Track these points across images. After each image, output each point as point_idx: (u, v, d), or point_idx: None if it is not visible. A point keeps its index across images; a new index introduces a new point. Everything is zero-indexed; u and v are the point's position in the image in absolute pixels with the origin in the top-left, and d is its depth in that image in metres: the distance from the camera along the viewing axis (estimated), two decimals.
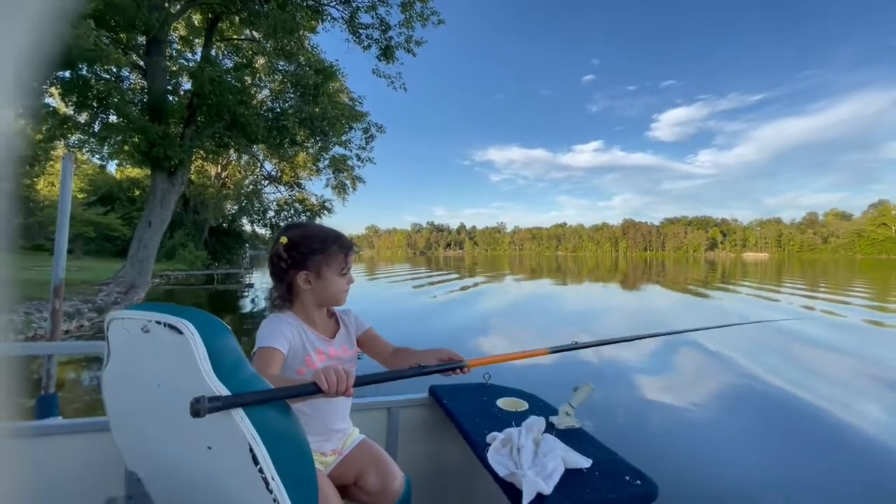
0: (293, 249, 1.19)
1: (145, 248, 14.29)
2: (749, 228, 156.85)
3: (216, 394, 0.73)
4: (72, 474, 1.27)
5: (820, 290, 18.71)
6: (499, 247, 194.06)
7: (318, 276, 1.21)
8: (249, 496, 0.76)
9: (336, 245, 1.23)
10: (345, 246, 1.25)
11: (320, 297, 1.24)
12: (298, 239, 1.20)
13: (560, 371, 5.95)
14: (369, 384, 0.98)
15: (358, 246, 1.62)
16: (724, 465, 3.34)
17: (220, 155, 21.53)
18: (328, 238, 1.24)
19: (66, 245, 1.83)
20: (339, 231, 1.28)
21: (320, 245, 1.21)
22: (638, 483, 1.17)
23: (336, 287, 1.24)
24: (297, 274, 1.20)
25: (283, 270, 1.21)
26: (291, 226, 1.27)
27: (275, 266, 1.22)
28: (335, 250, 1.22)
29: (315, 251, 1.20)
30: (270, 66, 16.53)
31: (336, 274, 1.23)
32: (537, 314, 11.72)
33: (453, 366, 1.17)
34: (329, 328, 1.31)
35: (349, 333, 1.34)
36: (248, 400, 0.76)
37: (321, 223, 3.66)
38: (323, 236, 1.23)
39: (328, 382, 0.88)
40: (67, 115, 14.07)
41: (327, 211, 29.88)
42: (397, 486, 1.26)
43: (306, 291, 1.22)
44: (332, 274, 1.22)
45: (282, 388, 0.84)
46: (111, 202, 32.29)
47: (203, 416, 0.69)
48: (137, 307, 0.87)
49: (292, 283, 1.22)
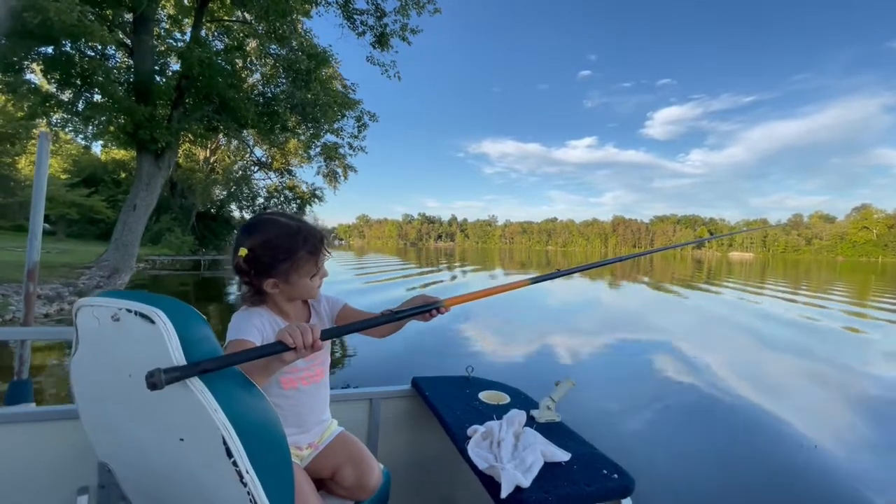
0: (255, 261, 1.09)
1: (130, 232, 14.03)
2: (736, 228, 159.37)
3: (188, 385, 0.71)
4: (43, 463, 1.25)
5: (801, 290, 19.11)
6: (490, 240, 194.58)
7: (287, 283, 1.13)
8: (223, 489, 0.74)
9: (304, 250, 1.11)
10: (314, 249, 1.13)
11: (290, 296, 1.19)
12: (260, 249, 1.08)
13: (542, 366, 6.02)
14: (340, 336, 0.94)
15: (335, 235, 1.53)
16: (697, 462, 3.43)
17: (209, 139, 21.18)
18: (294, 243, 1.11)
19: (41, 226, 1.78)
20: (309, 226, 1.16)
21: (286, 254, 1.10)
22: (615, 477, 1.19)
23: (306, 288, 1.17)
24: (263, 281, 1.12)
25: (249, 278, 1.12)
26: (252, 227, 1.12)
27: (239, 274, 1.13)
28: (303, 256, 1.12)
29: (281, 261, 1.10)
30: (262, 50, 16.22)
31: (305, 277, 1.14)
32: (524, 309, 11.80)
33: (429, 307, 1.10)
34: (302, 317, 1.27)
35: (322, 319, 1.30)
36: (209, 366, 0.72)
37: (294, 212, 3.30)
38: (289, 243, 1.10)
39: (293, 338, 0.84)
40: (50, 92, 13.67)
41: (318, 199, 29.66)
42: (374, 480, 1.25)
43: (276, 294, 1.16)
44: (302, 277, 1.14)
45: (246, 350, 0.80)
46: (95, 184, 31.59)
47: (161, 388, 0.66)
48: (108, 294, 0.84)
49: (260, 288, 1.14)
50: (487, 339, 7.60)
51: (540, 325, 9.07)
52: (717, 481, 3.16)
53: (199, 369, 0.71)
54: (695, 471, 3.28)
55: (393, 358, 5.95)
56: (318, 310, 1.30)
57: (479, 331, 8.26)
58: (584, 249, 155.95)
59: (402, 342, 6.91)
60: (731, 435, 4.03)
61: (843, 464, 3.51)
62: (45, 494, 1.24)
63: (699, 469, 3.31)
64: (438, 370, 1.96)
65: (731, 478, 3.22)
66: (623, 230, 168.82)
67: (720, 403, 4.81)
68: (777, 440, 3.91)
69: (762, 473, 3.29)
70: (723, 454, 3.59)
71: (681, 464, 3.35)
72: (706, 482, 3.13)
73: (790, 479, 3.24)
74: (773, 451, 3.70)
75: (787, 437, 3.98)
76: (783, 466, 3.43)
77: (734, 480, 3.18)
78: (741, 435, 4.03)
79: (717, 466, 3.37)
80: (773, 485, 3.13)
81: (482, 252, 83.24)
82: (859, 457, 3.67)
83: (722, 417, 4.46)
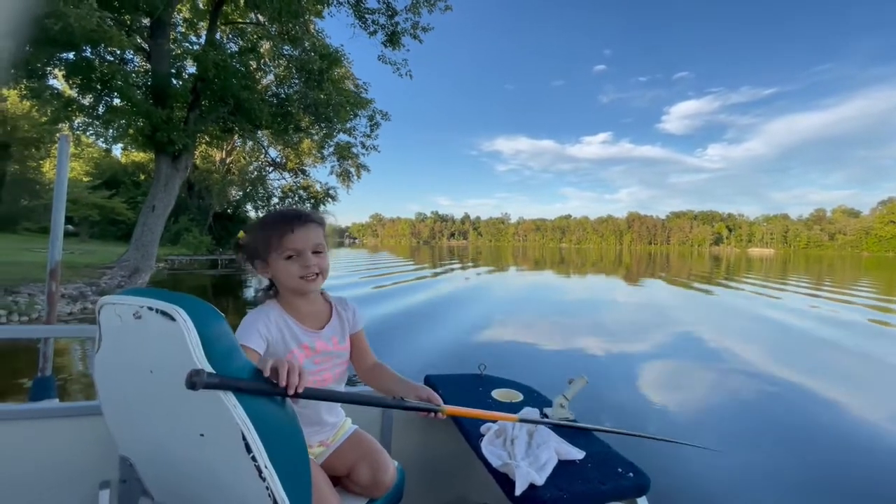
0: (245, 244, 1.16)
1: (149, 233, 14.34)
2: (755, 224, 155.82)
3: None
4: (66, 457, 1.28)
5: (824, 287, 18.61)
6: (503, 237, 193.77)
7: (268, 265, 1.15)
8: (242, 484, 0.75)
9: (275, 227, 1.12)
10: (282, 227, 1.12)
11: (281, 283, 1.18)
12: (248, 229, 1.16)
13: (556, 363, 5.97)
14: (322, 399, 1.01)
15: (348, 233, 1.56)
16: (716, 462, 3.35)
17: (225, 140, 21.51)
18: (269, 220, 1.15)
19: (62, 227, 1.82)
20: (295, 210, 1.19)
21: (261, 231, 1.14)
22: (630, 475, 1.17)
23: (285, 273, 1.14)
24: (257, 266, 1.16)
25: (249, 263, 1.18)
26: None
27: (239, 258, 1.19)
28: (274, 232, 1.12)
29: (257, 239, 1.14)
30: (275, 51, 16.38)
31: (280, 258, 1.13)
32: (536, 307, 11.73)
33: (431, 408, 1.14)
34: (319, 318, 1.25)
35: (343, 325, 1.28)
36: (242, 385, 0.76)
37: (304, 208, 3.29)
38: (268, 219, 1.16)
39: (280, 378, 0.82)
40: (72, 97, 14.04)
41: (331, 198, 29.87)
42: (389, 477, 1.24)
43: (279, 286, 1.18)
44: (277, 259, 1.13)
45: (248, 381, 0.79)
46: (116, 186, 32.35)
47: (197, 390, 0.68)
48: (129, 292, 0.86)
49: (262, 274, 1.18)
50: (500, 336, 7.57)
51: (553, 323, 9.00)
52: (736, 479, 3.09)
53: (234, 385, 0.75)
54: (712, 469, 3.21)
55: (404, 356, 5.97)
56: (342, 316, 1.28)
57: (491, 328, 8.23)
58: (598, 247, 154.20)
59: (413, 340, 6.93)
60: (752, 432, 3.93)
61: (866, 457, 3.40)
62: (68, 488, 1.27)
63: (717, 468, 3.24)
64: (450, 368, 1.96)
65: (748, 476, 3.14)
66: (638, 227, 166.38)
67: (740, 401, 4.70)
68: (808, 437, 3.80)
69: (787, 472, 3.20)
70: (743, 452, 3.51)
71: (698, 462, 3.28)
72: (724, 481, 3.07)
73: (819, 474, 3.15)
74: (801, 447, 3.60)
75: (817, 434, 3.87)
76: (812, 463, 3.34)
77: (752, 478, 3.11)
78: (763, 432, 3.93)
79: (735, 464, 3.30)
80: (798, 483, 3.05)
81: (495, 250, 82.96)
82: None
83: (742, 414, 4.35)
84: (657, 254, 77.32)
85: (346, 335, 1.29)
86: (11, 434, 1.23)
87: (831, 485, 3.10)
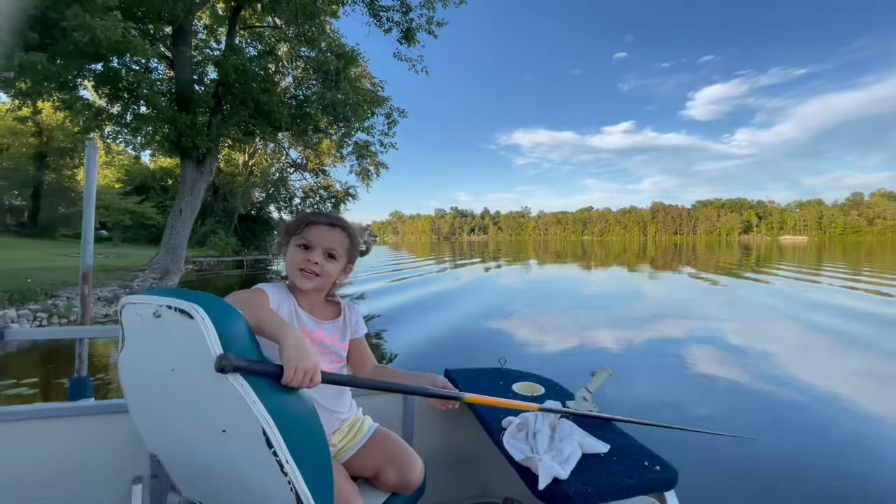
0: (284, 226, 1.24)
1: (177, 236, 14.80)
2: (787, 210, 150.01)
3: (228, 380, 0.73)
4: (101, 454, 1.33)
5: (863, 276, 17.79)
6: (523, 231, 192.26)
7: (287, 246, 1.21)
8: (265, 478, 0.76)
9: (307, 217, 1.22)
10: (311, 219, 1.21)
11: (287, 271, 1.22)
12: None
13: (577, 356, 5.89)
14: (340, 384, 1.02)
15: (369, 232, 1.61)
16: (748, 452, 3.25)
17: (247, 143, 21.94)
18: (307, 213, 1.28)
19: (92, 232, 1.88)
20: (334, 214, 1.28)
21: (296, 219, 1.23)
22: (657, 469, 1.14)
23: (290, 258, 1.19)
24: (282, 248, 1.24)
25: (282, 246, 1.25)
26: None
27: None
28: (303, 220, 1.20)
29: (290, 223, 1.23)
30: (293, 53, 16.60)
31: (295, 244, 1.19)
32: (557, 300, 11.59)
33: (452, 395, 1.16)
34: (324, 313, 1.26)
35: (346, 327, 1.28)
36: (269, 369, 0.79)
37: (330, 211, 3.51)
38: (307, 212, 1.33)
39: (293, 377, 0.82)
40: (101, 106, 14.58)
41: (352, 197, 30.20)
42: (418, 475, 1.23)
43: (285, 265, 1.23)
44: (294, 244, 1.19)
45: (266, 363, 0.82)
46: (146, 191, 33.52)
47: (227, 373, 0.72)
48: (149, 292, 0.87)
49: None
50: (520, 330, 7.51)
51: (573, 316, 8.87)
52: (769, 474, 2.99)
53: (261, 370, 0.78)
54: (744, 461, 3.11)
55: (422, 350, 5.98)
56: (348, 317, 1.30)
57: (511, 322, 8.18)
58: (621, 238, 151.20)
59: (431, 334, 6.94)
60: (783, 428, 3.79)
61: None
62: (103, 484, 1.32)
63: (749, 458, 3.14)
64: (470, 362, 1.95)
65: (781, 469, 3.03)
66: (663, 217, 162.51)
67: (770, 395, 4.54)
68: (839, 437, 3.66)
69: (818, 468, 3.09)
70: (773, 446, 3.39)
71: (727, 454, 3.19)
72: (756, 475, 2.97)
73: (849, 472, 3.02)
74: (831, 448, 3.47)
75: (846, 432, 3.71)
76: (843, 461, 3.21)
77: (784, 472, 3.00)
78: (794, 428, 3.79)
79: (767, 459, 3.19)
80: (828, 478, 2.94)
81: (515, 245, 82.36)
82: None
83: (772, 409, 4.20)
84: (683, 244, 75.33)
85: (347, 337, 1.28)
86: (51, 432, 1.29)
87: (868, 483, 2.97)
